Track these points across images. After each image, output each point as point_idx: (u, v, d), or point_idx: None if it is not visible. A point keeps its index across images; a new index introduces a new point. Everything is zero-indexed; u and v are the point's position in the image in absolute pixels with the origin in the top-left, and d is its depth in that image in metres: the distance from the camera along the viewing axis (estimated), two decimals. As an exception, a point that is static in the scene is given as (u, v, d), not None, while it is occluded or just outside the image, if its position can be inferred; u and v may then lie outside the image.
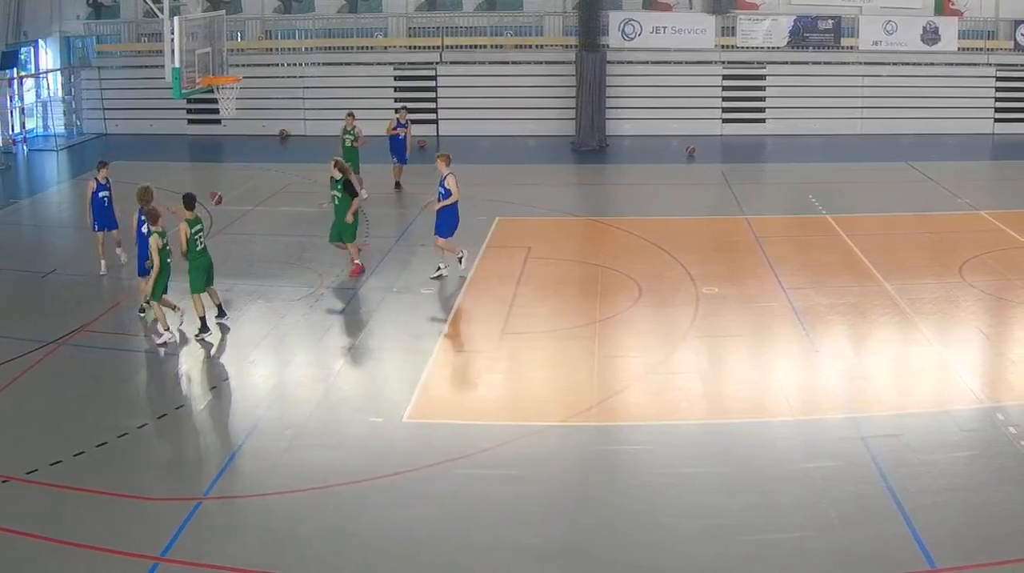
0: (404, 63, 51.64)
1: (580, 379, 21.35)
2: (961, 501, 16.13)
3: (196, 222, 23.61)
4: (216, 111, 33.45)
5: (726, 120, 50.84)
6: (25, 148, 48.24)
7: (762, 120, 50.76)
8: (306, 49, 52.40)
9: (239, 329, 24.29)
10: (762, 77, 50.62)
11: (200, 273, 23.66)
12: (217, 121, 44.43)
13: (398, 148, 37.65)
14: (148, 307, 23.86)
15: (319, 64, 51.94)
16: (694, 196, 38.82)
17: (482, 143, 47.77)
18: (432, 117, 50.02)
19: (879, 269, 27.73)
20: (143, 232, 23.92)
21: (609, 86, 48.63)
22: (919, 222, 33.97)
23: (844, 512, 15.83)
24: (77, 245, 26.86)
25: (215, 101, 31.63)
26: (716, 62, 50.49)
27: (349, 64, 51.68)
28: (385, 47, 51.89)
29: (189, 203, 23.63)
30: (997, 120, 50.31)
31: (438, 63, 51.20)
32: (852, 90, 50.07)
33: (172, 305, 23.60)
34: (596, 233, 32.77)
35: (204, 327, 23.53)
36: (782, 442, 18.49)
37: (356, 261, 27.79)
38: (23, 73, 49.88)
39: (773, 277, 27.39)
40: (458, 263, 27.55)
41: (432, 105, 50.66)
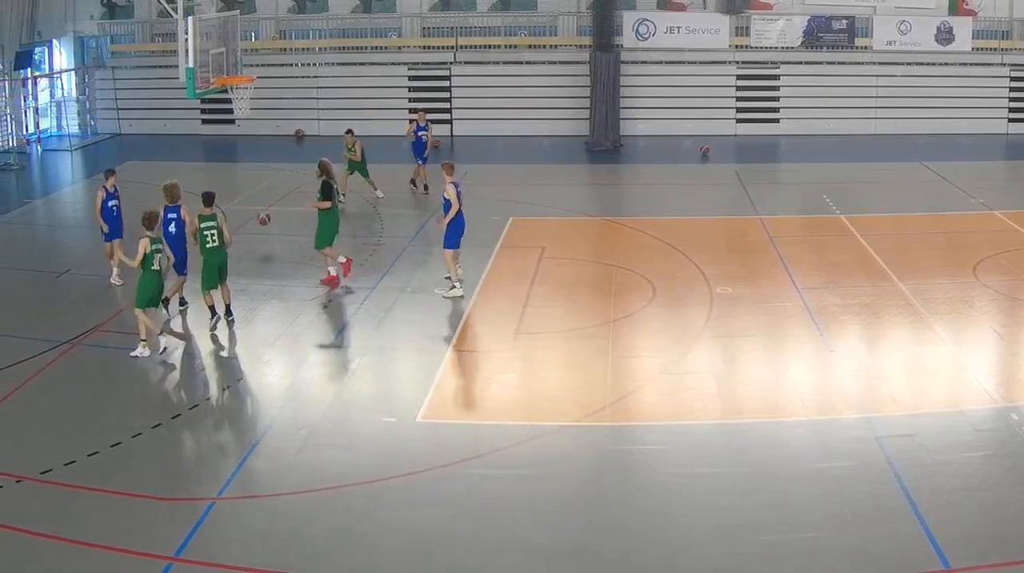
0: (418, 63, 51.70)
1: (594, 379, 21.34)
2: (975, 501, 16.10)
3: (208, 218, 23.79)
4: (230, 111, 33.46)
5: (740, 120, 50.81)
6: (39, 148, 48.33)
7: (776, 120, 50.71)
8: (320, 49, 52.53)
9: (253, 329, 24.33)
10: (776, 77, 50.58)
11: (210, 270, 23.84)
12: (231, 121, 44.45)
13: (421, 150, 37.49)
14: (179, 303, 24.72)
15: (333, 64, 52.06)
16: (708, 196, 38.79)
17: (496, 143, 47.82)
18: (446, 117, 50.01)
19: (893, 269, 27.69)
20: (170, 231, 24.46)
21: (623, 86, 48.60)
22: (933, 222, 33.90)
23: (858, 512, 15.81)
24: (91, 246, 26.89)
25: (229, 101, 31.68)
26: (730, 62, 50.46)
27: (363, 64, 51.78)
28: (399, 47, 51.94)
29: (208, 200, 23.98)
30: (1011, 120, 50.20)
31: (452, 63, 51.23)
32: (866, 90, 50.01)
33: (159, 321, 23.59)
34: (610, 233, 32.75)
35: (214, 313, 23.86)
36: (796, 442, 18.46)
37: (330, 269, 27.18)
38: (37, 73, 49.98)
39: (787, 277, 27.36)
40: (450, 288, 26.37)
41: (446, 105, 50.65)
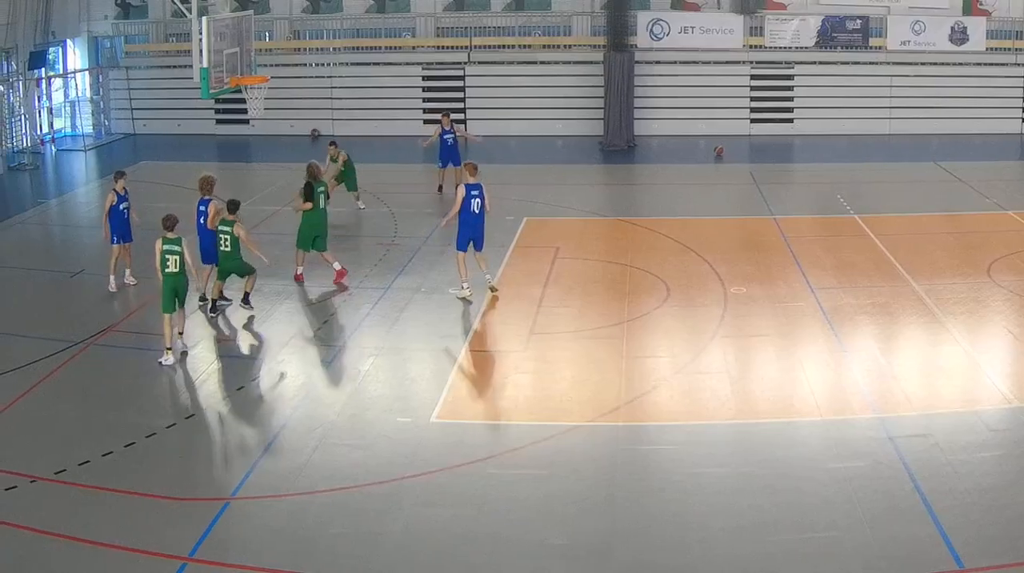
0: (432, 63, 51.71)
1: (608, 379, 21.34)
2: (990, 501, 16.07)
3: (225, 223, 24.30)
4: (244, 111, 33.43)
5: (754, 120, 50.69)
6: (53, 148, 48.39)
7: (790, 120, 50.61)
8: (334, 49, 52.56)
9: (267, 329, 24.37)
10: (790, 77, 50.51)
11: (224, 274, 24.87)
12: (245, 121, 44.41)
13: (450, 153, 37.34)
14: (208, 299, 25.18)
15: (347, 64, 52.11)
16: (722, 196, 38.80)
17: (510, 143, 47.82)
18: (460, 117, 49.85)
19: (907, 269, 27.67)
20: (201, 223, 25.04)
21: (637, 86, 48.61)
22: (947, 222, 33.85)
23: (872, 512, 15.80)
24: (105, 246, 26.91)
25: (243, 101, 31.65)
26: (744, 62, 50.38)
27: (377, 64, 51.82)
28: (413, 47, 51.95)
29: (232, 207, 24.61)
30: (1026, 120, 50.12)
31: (466, 63, 51.23)
32: (880, 90, 49.88)
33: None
34: (624, 233, 32.72)
35: (224, 298, 25.23)
36: (810, 442, 18.44)
37: (299, 269, 27.48)
38: (51, 73, 50.06)
39: (801, 277, 27.34)
40: (460, 288, 26.32)
41: (460, 105, 50.53)
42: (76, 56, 52.45)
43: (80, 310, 25.54)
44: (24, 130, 46.88)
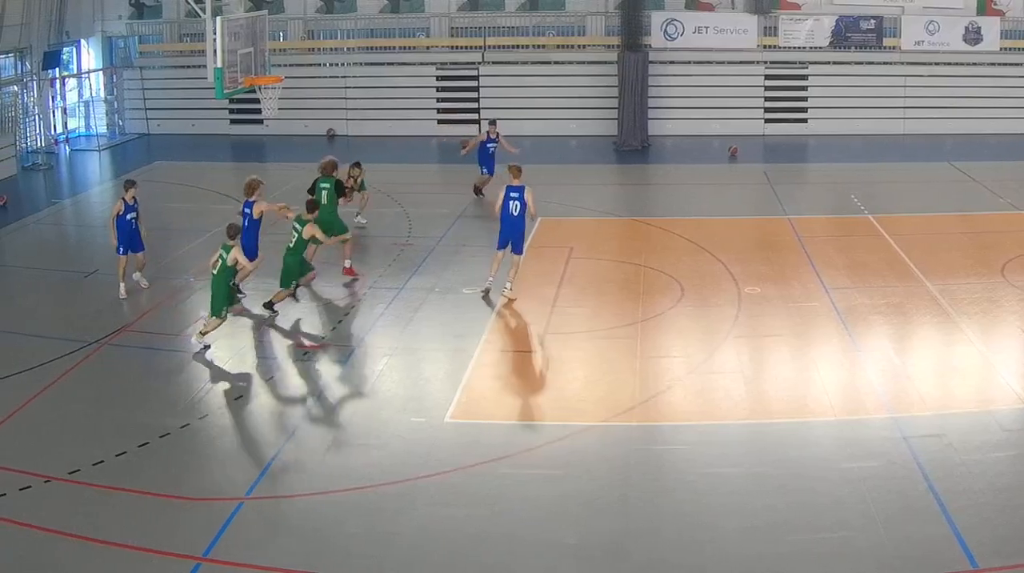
0: (446, 63, 51.69)
1: (622, 379, 21.34)
2: (1004, 501, 16.05)
3: (298, 221, 25.40)
4: (258, 111, 33.41)
5: (768, 120, 50.59)
6: (67, 148, 48.43)
7: (804, 120, 50.51)
8: (348, 49, 52.60)
9: (282, 329, 24.39)
10: (804, 77, 50.41)
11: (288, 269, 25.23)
12: (259, 121, 44.32)
13: (490, 162, 37.45)
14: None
15: (361, 64, 52.10)
16: (736, 196, 38.76)
17: (524, 143, 47.41)
18: (474, 117, 49.92)
19: (921, 269, 27.62)
20: (246, 225, 25.63)
21: (651, 86, 48.53)
22: (961, 222, 33.78)
23: (886, 512, 15.79)
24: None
25: (257, 101, 31.68)
26: (758, 62, 50.31)
27: (391, 64, 51.80)
28: (427, 47, 51.95)
29: (310, 207, 25.60)
30: (1040, 120, 49.97)
31: (480, 63, 51.19)
32: (894, 90, 49.76)
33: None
34: (638, 233, 32.71)
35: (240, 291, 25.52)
36: (824, 442, 18.43)
37: (346, 262, 28.14)
38: (65, 73, 50.14)
39: (815, 277, 27.31)
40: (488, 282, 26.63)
41: (474, 105, 50.60)
42: (90, 56, 52.53)
43: (94, 310, 25.55)
44: (38, 130, 46.94)
